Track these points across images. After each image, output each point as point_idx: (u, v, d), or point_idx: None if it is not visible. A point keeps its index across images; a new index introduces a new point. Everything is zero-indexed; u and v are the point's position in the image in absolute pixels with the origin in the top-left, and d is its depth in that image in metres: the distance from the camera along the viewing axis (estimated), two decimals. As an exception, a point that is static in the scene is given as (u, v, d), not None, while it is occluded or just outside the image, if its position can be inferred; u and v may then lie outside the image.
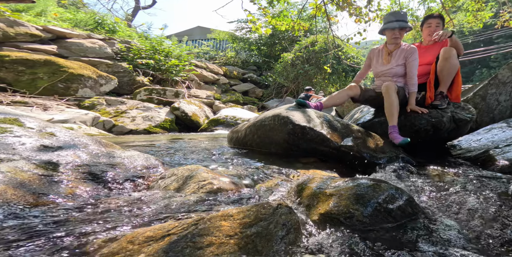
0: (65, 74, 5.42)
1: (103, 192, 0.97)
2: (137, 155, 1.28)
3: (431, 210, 1.07)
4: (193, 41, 17.07)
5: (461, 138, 2.51)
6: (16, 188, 0.81)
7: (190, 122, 5.74)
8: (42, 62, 5.41)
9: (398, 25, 2.13)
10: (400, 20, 2.13)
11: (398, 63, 2.23)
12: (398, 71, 2.24)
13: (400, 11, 2.43)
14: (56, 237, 0.66)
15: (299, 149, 1.77)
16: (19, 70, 5.13)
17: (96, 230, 0.71)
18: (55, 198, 0.84)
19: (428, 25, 2.44)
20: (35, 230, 0.69)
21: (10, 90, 4.67)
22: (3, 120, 1.08)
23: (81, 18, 9.07)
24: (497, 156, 1.79)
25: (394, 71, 2.25)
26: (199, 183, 1.08)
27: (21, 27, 6.45)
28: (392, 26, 2.14)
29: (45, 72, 5.34)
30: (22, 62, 5.21)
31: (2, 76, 5.00)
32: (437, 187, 1.29)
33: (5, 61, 5.07)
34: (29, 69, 5.22)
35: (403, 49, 2.23)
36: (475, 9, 5.19)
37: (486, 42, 21.12)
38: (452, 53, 2.18)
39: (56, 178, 0.93)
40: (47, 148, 1.04)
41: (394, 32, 2.18)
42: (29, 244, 0.63)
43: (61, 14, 8.89)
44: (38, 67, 5.33)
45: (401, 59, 2.22)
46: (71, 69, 5.61)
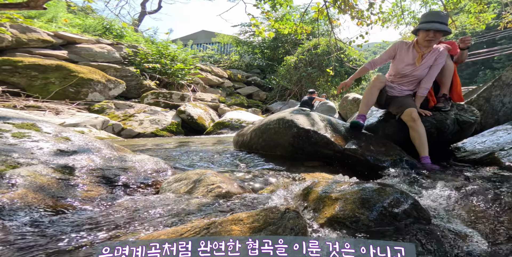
0: (75, 78, 5.52)
1: (117, 195, 1.00)
2: (147, 159, 1.31)
3: (436, 214, 1.06)
4: (198, 45, 17.20)
5: (466, 140, 2.48)
6: (36, 192, 0.83)
7: (196, 125, 5.78)
8: (53, 67, 5.52)
9: (433, 26, 1.86)
10: (438, 21, 1.88)
11: (427, 65, 2.05)
12: (424, 74, 2.08)
13: (441, 12, 2.25)
14: (73, 239, 0.68)
15: (303, 152, 1.78)
16: (32, 75, 5.24)
17: (112, 233, 0.73)
18: (72, 202, 0.87)
19: None
20: (55, 233, 0.71)
21: (23, 94, 4.77)
22: (21, 125, 1.12)
23: (90, 24, 9.23)
24: (503, 159, 1.77)
25: (421, 74, 2.07)
26: (208, 186, 1.10)
27: (33, 33, 6.60)
28: (427, 27, 1.88)
29: (56, 77, 5.45)
30: (35, 68, 5.33)
31: (16, 81, 5.11)
32: (442, 190, 1.28)
33: (19, 66, 5.19)
34: (41, 74, 5.34)
35: (435, 51, 2.04)
36: (477, 11, 5.15)
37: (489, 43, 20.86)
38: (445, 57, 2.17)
39: (72, 182, 0.96)
40: (63, 153, 1.07)
41: (428, 33, 1.91)
42: (48, 245, 0.65)
43: (71, 20, 9.07)
44: (50, 72, 5.44)
45: (430, 62, 2.05)
46: (81, 73, 5.71)
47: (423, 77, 2.08)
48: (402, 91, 2.19)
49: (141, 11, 16.37)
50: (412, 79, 2.12)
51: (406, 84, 2.17)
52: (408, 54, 2.07)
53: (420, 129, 1.88)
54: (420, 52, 2.02)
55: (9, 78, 5.05)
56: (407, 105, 1.99)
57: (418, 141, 1.88)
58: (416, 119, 1.88)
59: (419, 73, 2.06)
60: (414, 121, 1.88)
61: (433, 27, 1.86)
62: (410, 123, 1.91)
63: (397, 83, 2.18)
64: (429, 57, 2.03)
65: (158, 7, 17.77)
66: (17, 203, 0.74)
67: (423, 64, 2.04)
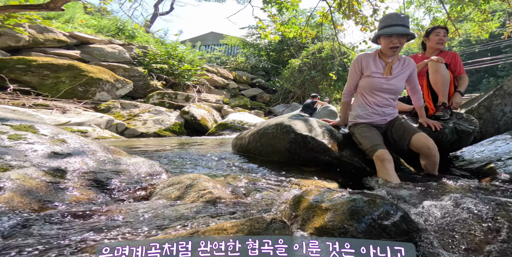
0: (85, 78, 5.58)
1: (106, 199, 0.98)
2: (142, 162, 1.29)
3: (426, 227, 1.02)
4: (206, 46, 17.27)
5: (465, 149, 2.42)
6: (23, 196, 0.82)
7: (199, 126, 5.78)
8: (65, 67, 5.59)
9: (395, 30, 1.54)
10: (400, 24, 1.56)
11: (402, 79, 1.75)
12: (400, 89, 1.78)
13: (401, 13, 1.98)
14: (55, 244, 0.66)
15: (300, 157, 1.74)
16: (44, 74, 5.31)
17: (96, 239, 0.71)
18: (59, 205, 0.85)
19: (436, 34, 2.38)
20: (37, 236, 0.69)
21: (33, 93, 4.83)
22: (19, 127, 1.11)
23: (105, 24, 9.34)
24: (499, 169, 1.72)
25: (397, 88, 1.74)
26: (199, 192, 1.08)
27: (50, 33, 6.70)
28: (389, 32, 1.55)
29: (67, 76, 5.51)
30: (48, 67, 5.40)
31: (28, 79, 5.18)
32: (436, 201, 1.23)
33: (32, 65, 5.26)
34: (53, 73, 5.41)
35: (403, 62, 1.76)
36: (481, 19, 5.03)
37: (494, 51, 20.47)
38: (439, 66, 2.11)
39: (62, 185, 0.94)
40: (57, 155, 1.05)
41: (391, 40, 1.59)
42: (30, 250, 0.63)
43: (87, 20, 9.19)
44: (61, 71, 5.51)
45: (403, 75, 1.74)
46: (91, 73, 5.76)
47: (400, 91, 1.80)
48: (385, 115, 1.81)
49: (153, 12, 16.53)
50: (392, 93, 1.76)
51: (384, 102, 1.77)
52: (377, 65, 1.73)
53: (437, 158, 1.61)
54: (388, 62, 1.70)
55: (21, 76, 5.13)
56: (413, 130, 1.69)
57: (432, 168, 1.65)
58: (432, 147, 1.58)
59: (397, 86, 1.74)
60: (429, 148, 1.58)
61: (396, 31, 1.54)
62: (424, 151, 1.60)
63: (375, 104, 1.76)
64: (401, 69, 1.73)
65: (170, 9, 17.92)
66: (1, 208, 0.72)
67: (397, 76, 1.72)
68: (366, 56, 1.76)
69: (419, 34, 5.76)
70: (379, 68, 1.72)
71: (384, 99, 1.75)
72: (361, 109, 1.79)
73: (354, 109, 1.86)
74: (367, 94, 1.76)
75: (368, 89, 1.74)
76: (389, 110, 1.80)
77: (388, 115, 1.80)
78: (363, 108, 1.78)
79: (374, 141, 1.58)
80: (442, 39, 2.34)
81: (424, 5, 5.52)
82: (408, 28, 1.58)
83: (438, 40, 2.34)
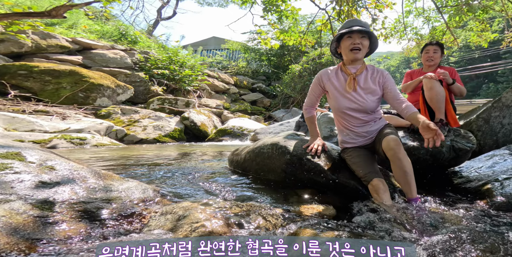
0: (86, 83, 5.58)
1: (96, 232, 0.95)
2: (134, 187, 1.26)
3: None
4: (208, 51, 17.31)
5: (463, 164, 2.40)
6: (10, 235, 0.79)
7: (198, 132, 5.76)
8: (67, 73, 5.59)
9: (354, 27, 1.39)
10: (360, 26, 1.42)
11: (371, 92, 1.48)
12: (373, 105, 1.48)
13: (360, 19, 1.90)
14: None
15: (296, 178, 1.71)
16: (45, 80, 5.31)
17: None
18: (47, 244, 0.82)
19: (426, 52, 2.41)
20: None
21: (34, 99, 4.82)
22: (5, 155, 1.08)
23: (107, 30, 9.37)
24: (495, 191, 1.70)
25: (367, 105, 1.47)
26: (192, 225, 1.05)
27: (53, 39, 6.71)
28: (348, 29, 1.40)
29: (68, 82, 5.51)
30: (49, 73, 5.40)
31: (29, 85, 5.18)
32: (430, 231, 1.20)
33: (34, 71, 5.26)
34: (54, 79, 5.41)
35: (372, 72, 1.51)
36: (479, 29, 5.02)
37: (493, 57, 20.46)
38: (433, 83, 2.10)
39: (51, 219, 0.91)
40: (45, 185, 1.03)
41: (352, 40, 1.41)
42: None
43: (90, 26, 9.22)
44: (63, 77, 5.51)
45: (373, 88, 1.48)
46: (92, 79, 5.76)
47: (375, 108, 1.53)
48: (370, 133, 1.57)
49: (156, 18, 16.60)
50: (362, 111, 1.50)
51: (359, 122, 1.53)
52: (340, 79, 1.52)
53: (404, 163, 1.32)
54: (350, 74, 1.48)
55: (23, 82, 5.13)
56: (384, 134, 1.42)
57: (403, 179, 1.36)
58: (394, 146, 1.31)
59: (367, 103, 1.47)
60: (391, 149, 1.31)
61: (355, 28, 1.39)
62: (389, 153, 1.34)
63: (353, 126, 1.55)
64: (370, 81, 1.49)
65: (173, 14, 18.00)
66: (-16, 252, 0.70)
67: (364, 89, 1.48)
68: (327, 71, 1.57)
69: (417, 43, 5.75)
70: (342, 82, 1.51)
71: (357, 119, 1.52)
72: (342, 134, 1.62)
73: (338, 133, 1.69)
74: (338, 115, 1.59)
75: (336, 110, 1.55)
76: (371, 126, 1.54)
77: (374, 132, 1.55)
78: (343, 133, 1.60)
79: (366, 168, 1.43)
80: (431, 56, 2.36)
81: (423, 15, 5.52)
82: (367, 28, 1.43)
83: (427, 58, 2.38)
